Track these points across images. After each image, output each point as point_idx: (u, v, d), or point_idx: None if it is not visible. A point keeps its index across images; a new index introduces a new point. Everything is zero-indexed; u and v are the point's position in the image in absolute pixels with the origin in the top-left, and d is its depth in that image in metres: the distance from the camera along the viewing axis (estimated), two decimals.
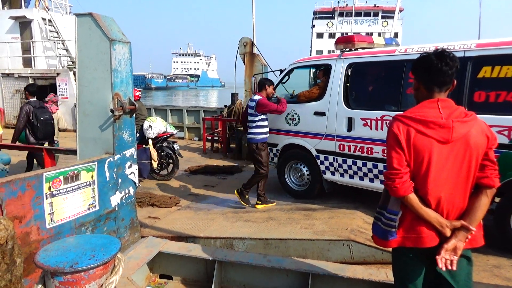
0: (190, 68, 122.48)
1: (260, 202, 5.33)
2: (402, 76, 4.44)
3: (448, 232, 1.86)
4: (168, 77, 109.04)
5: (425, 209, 1.87)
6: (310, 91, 5.45)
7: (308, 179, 5.65)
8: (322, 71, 5.50)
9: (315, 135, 5.36)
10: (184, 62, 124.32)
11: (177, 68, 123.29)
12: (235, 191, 5.46)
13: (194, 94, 78.73)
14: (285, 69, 6.04)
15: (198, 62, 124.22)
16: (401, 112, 1.98)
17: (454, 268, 1.84)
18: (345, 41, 5.20)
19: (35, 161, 6.73)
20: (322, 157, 5.32)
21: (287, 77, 5.97)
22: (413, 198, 1.87)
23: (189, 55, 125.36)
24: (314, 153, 5.39)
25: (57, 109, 7.59)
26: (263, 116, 5.22)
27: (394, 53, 4.57)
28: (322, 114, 5.24)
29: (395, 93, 4.59)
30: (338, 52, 5.23)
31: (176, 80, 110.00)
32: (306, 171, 5.64)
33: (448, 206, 1.88)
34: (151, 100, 46.02)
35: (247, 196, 5.42)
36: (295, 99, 5.70)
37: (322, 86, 5.34)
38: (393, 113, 3.84)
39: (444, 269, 1.84)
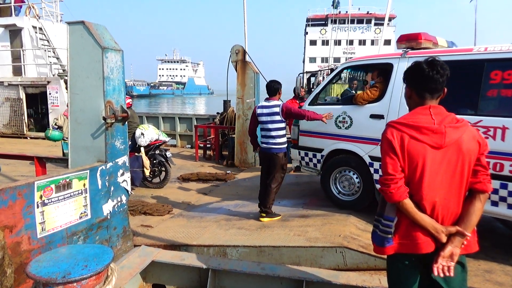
0: (176, 75, 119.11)
1: (265, 215, 4.94)
2: (482, 77, 4.02)
3: (443, 238, 1.87)
4: (151, 84, 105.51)
5: (420, 214, 1.89)
6: (369, 92, 4.96)
7: (358, 188, 5.13)
8: (378, 71, 5.07)
9: (370, 140, 4.84)
10: (170, 69, 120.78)
11: (162, 75, 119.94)
12: (261, 219, 4.92)
13: (179, 102, 76.18)
14: (336, 68, 5.59)
15: (184, 69, 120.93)
16: (395, 119, 2.01)
17: (452, 274, 1.85)
18: (408, 39, 4.73)
19: None
20: (377, 164, 4.78)
21: (337, 77, 5.53)
22: (408, 203, 1.89)
23: (175, 62, 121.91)
24: (368, 160, 4.89)
25: None
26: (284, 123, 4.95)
27: (471, 52, 4.17)
28: (380, 117, 4.75)
29: (472, 95, 4.16)
30: (400, 50, 4.78)
31: (160, 87, 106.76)
32: (356, 178, 5.13)
33: (443, 211, 1.90)
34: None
35: (273, 212, 5.02)
36: (344, 101, 5.24)
37: (380, 87, 4.88)
38: (470, 117, 3.70)
39: (442, 275, 1.85)
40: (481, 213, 1.92)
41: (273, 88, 4.95)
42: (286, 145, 4.97)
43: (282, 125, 4.87)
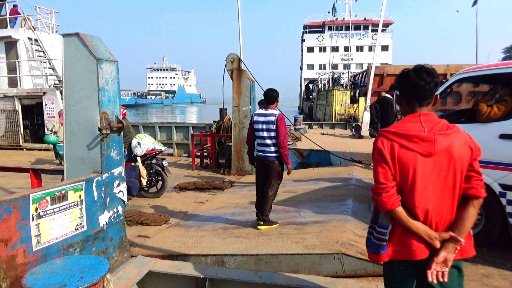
0: (166, 84, 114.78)
1: (262, 223, 4.90)
2: None
3: (437, 244, 1.88)
4: (138, 93, 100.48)
5: (413, 222, 1.90)
6: (496, 108, 4.34)
7: (478, 221, 4.38)
8: (503, 83, 4.51)
9: (500, 165, 4.17)
10: (159, 77, 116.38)
11: (152, 84, 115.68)
12: (259, 227, 4.87)
13: (169, 112, 72.21)
14: (447, 80, 4.93)
15: (174, 77, 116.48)
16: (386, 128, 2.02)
17: (446, 280, 1.86)
18: None
19: None
20: (510, 195, 4.11)
21: (448, 90, 4.84)
22: (401, 211, 1.90)
23: (164, 70, 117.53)
24: (497, 189, 4.21)
25: None
26: None
27: None
28: None
29: None
30: None
31: (148, 96, 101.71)
32: None
33: (436, 218, 1.91)
34: None
35: (271, 219, 4.98)
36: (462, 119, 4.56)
37: (510, 100, 4.31)
38: None
39: (435, 281, 1.86)
40: (475, 218, 1.92)
41: (272, 97, 4.97)
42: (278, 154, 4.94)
43: (274, 134, 4.84)
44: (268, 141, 4.85)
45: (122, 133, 4.10)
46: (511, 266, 3.98)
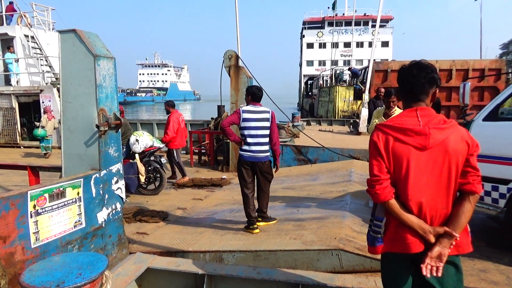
0: (158, 80, 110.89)
1: (260, 219, 4.86)
2: None
3: (431, 238, 1.88)
4: (128, 90, 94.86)
5: (407, 215, 1.91)
6: None
7: None
8: None
9: None
10: (151, 74, 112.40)
11: (143, 81, 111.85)
12: (257, 224, 4.75)
13: (160, 109, 65.60)
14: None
15: (166, 74, 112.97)
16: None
17: (440, 274, 1.86)
18: None
19: None
20: None
21: None
22: (394, 203, 1.92)
23: (155, 66, 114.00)
24: None
25: (53, 117, 11.73)
26: None
27: None
28: None
29: None
30: None
31: (138, 94, 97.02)
32: None
33: (430, 211, 1.91)
34: None
35: (269, 216, 4.97)
36: None
37: None
38: None
39: (429, 275, 1.86)
40: (471, 214, 1.92)
41: (260, 96, 4.86)
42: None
43: (269, 132, 4.79)
44: (263, 140, 4.73)
45: (120, 130, 4.10)
46: (508, 260, 4.01)
